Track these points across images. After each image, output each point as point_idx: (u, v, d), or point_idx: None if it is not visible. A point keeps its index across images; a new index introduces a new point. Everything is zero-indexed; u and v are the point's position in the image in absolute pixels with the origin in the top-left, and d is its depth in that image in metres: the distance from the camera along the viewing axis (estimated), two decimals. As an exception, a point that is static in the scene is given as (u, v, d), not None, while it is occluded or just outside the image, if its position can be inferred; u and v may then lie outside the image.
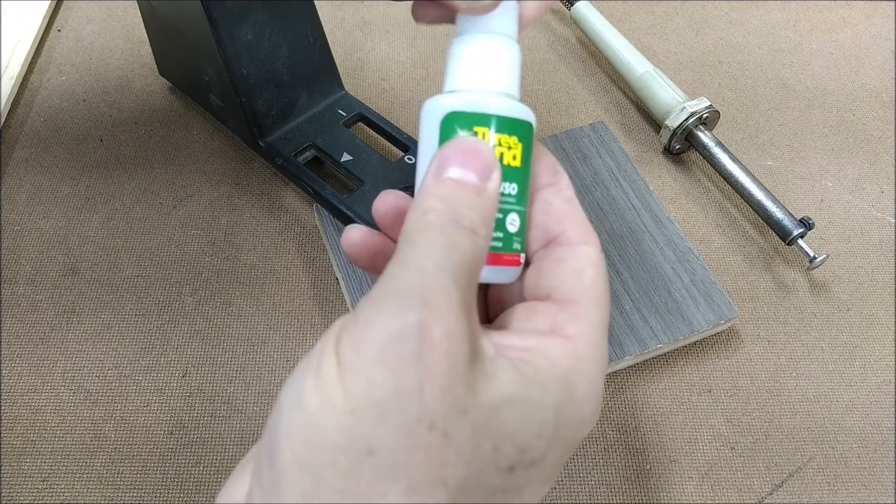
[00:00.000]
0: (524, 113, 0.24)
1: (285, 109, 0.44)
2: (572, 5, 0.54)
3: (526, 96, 0.52)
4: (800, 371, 0.40)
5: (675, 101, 0.47)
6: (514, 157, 0.23)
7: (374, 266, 0.25)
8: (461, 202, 0.21)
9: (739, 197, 0.45)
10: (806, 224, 0.42)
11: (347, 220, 0.41)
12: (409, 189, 0.37)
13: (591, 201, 0.44)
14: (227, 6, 0.39)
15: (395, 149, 0.46)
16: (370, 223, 0.40)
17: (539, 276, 0.24)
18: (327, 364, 0.19)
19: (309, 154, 0.44)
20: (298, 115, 0.45)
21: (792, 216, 0.42)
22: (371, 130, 0.46)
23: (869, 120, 0.52)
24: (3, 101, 0.48)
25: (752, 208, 0.44)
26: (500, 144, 0.23)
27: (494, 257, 0.23)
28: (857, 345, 0.41)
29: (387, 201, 0.25)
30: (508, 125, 0.23)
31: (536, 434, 0.19)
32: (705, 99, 0.47)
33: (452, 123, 0.23)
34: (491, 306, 0.27)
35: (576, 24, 0.54)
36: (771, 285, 0.43)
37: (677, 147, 0.48)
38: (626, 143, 0.50)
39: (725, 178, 0.45)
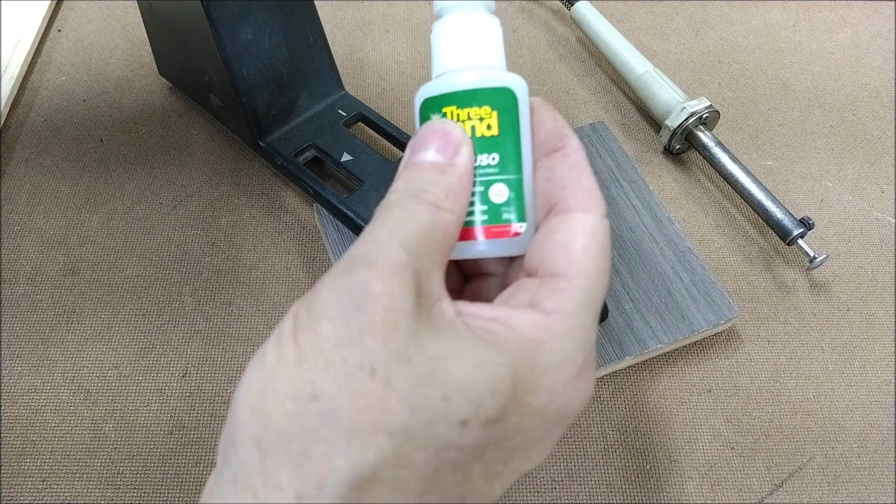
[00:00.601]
0: (498, 80, 0.23)
1: (285, 109, 0.44)
2: (572, 5, 0.54)
3: (526, 96, 0.52)
4: (800, 371, 0.40)
5: (675, 101, 0.47)
6: (489, 127, 0.23)
7: None
8: (423, 180, 0.22)
9: (739, 197, 0.45)
10: (806, 224, 0.42)
11: (347, 221, 0.41)
12: None
13: (591, 201, 0.44)
14: (227, 6, 0.39)
15: (395, 149, 0.46)
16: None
17: (532, 250, 0.23)
18: (285, 327, 0.20)
19: (309, 154, 0.44)
20: (298, 115, 0.45)
21: (792, 216, 0.42)
22: (371, 130, 0.46)
23: (869, 120, 0.52)
24: (3, 101, 0.48)
25: (752, 208, 0.44)
26: (469, 118, 0.23)
27: (483, 231, 0.23)
28: (857, 345, 0.41)
29: None
30: (475, 97, 0.23)
31: (490, 390, 0.19)
32: (705, 99, 0.47)
33: (426, 112, 0.23)
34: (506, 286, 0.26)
35: (576, 24, 0.54)
36: (771, 285, 0.43)
37: (677, 147, 0.48)
38: (626, 143, 0.50)
39: (725, 178, 0.45)
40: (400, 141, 0.45)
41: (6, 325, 0.40)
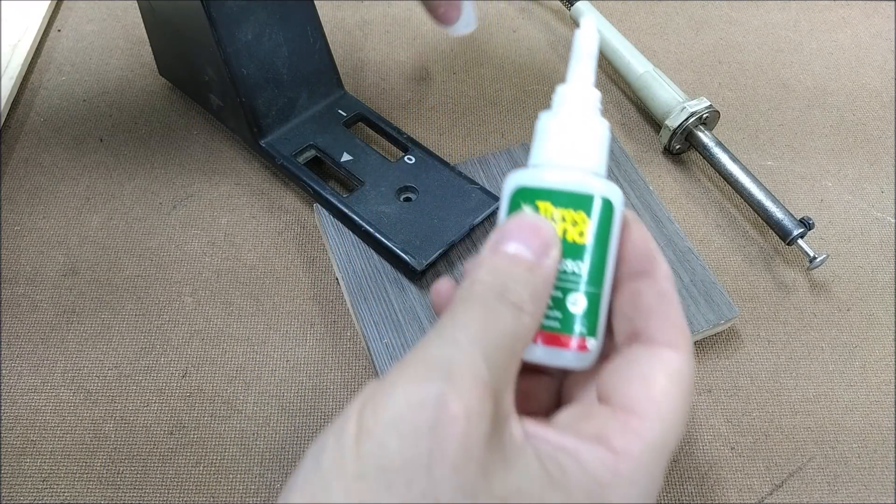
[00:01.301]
0: (600, 189, 0.22)
1: (285, 109, 0.44)
2: (572, 5, 0.54)
3: (526, 96, 0.52)
4: (800, 371, 0.40)
5: (675, 101, 0.47)
6: (581, 234, 0.22)
7: None
8: (510, 276, 0.20)
9: (739, 197, 0.45)
10: (806, 224, 0.42)
11: (347, 220, 0.41)
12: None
13: (591, 201, 0.44)
14: (227, 6, 0.39)
15: (395, 149, 0.46)
16: (370, 222, 0.40)
17: (608, 374, 0.22)
18: (349, 425, 0.18)
19: (309, 154, 0.44)
20: (298, 115, 0.45)
21: (792, 216, 0.42)
22: (371, 130, 0.46)
23: (869, 120, 0.52)
24: (3, 101, 0.48)
25: (752, 208, 0.44)
26: (563, 220, 0.22)
27: (550, 337, 0.22)
28: (857, 345, 0.41)
29: (441, 292, 0.25)
30: (574, 200, 0.22)
31: None
32: (705, 99, 0.47)
33: (518, 199, 0.23)
34: (563, 396, 0.25)
35: (576, 24, 0.54)
36: (771, 285, 0.43)
37: (677, 147, 0.48)
38: (626, 143, 0.50)
39: (725, 178, 0.45)
40: (399, 141, 0.45)
41: (6, 325, 0.40)
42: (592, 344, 0.22)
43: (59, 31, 0.55)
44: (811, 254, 0.41)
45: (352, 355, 0.40)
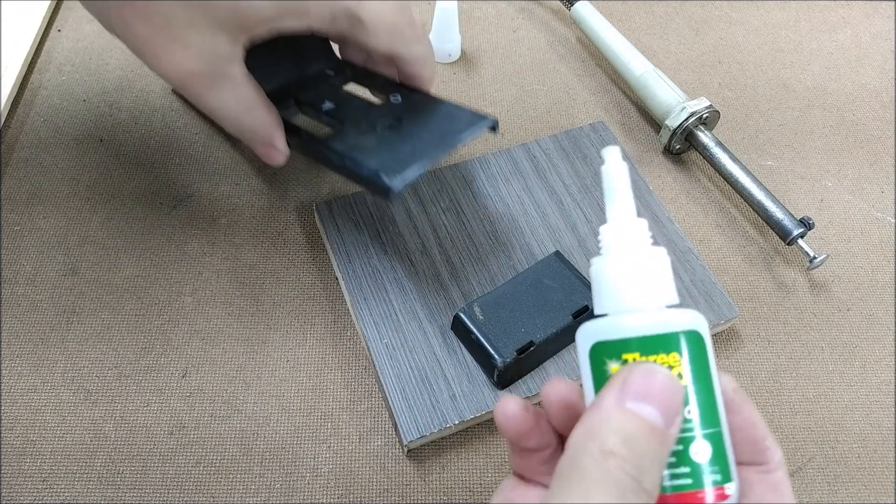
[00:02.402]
0: (683, 322, 0.21)
1: (273, 75, 0.42)
2: (572, 5, 0.54)
3: (526, 96, 0.52)
4: (800, 371, 0.40)
5: (675, 101, 0.47)
6: (680, 376, 0.20)
7: (519, 440, 0.23)
8: (647, 452, 0.19)
9: (739, 197, 0.45)
10: (806, 224, 0.42)
11: (321, 155, 0.38)
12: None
13: (591, 201, 0.44)
14: None
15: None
16: (344, 153, 0.36)
17: None
18: None
19: (293, 110, 0.42)
20: (286, 77, 0.43)
21: (792, 216, 0.42)
22: (363, 89, 0.44)
23: (869, 120, 0.52)
24: (3, 101, 0.48)
25: (752, 208, 0.44)
26: None
27: (682, 498, 0.20)
28: (857, 345, 0.41)
29: (557, 392, 0.23)
30: (662, 343, 0.20)
31: None
32: (705, 99, 0.47)
33: (601, 356, 0.21)
34: None
35: (576, 24, 0.55)
36: (771, 285, 0.43)
37: (677, 147, 0.48)
38: (626, 143, 0.50)
39: (725, 178, 0.45)
40: (387, 83, 0.41)
41: (6, 325, 0.40)
42: (731, 489, 0.20)
43: (59, 31, 0.55)
44: (811, 254, 0.41)
45: (352, 355, 0.40)
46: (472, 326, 0.37)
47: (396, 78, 0.42)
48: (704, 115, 0.47)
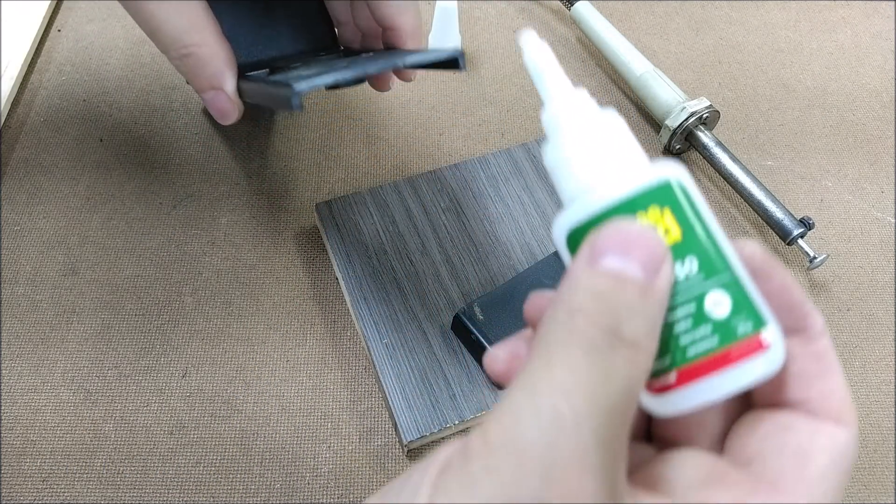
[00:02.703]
0: (653, 176, 0.18)
1: (255, 46, 0.40)
2: (572, 5, 0.54)
3: (526, 96, 0.52)
4: (800, 371, 0.40)
5: (675, 101, 0.47)
6: (667, 231, 0.18)
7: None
8: (624, 303, 0.16)
9: (739, 197, 0.45)
10: (806, 224, 0.42)
11: (265, 94, 0.34)
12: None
13: (591, 201, 0.44)
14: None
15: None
16: (279, 80, 0.33)
17: (748, 433, 0.18)
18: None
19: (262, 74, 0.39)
20: (270, 52, 0.40)
21: (792, 216, 0.42)
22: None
23: (869, 120, 0.52)
24: (3, 101, 0.48)
25: (752, 208, 0.44)
26: None
27: (715, 361, 0.17)
28: (857, 345, 0.41)
29: (536, 304, 0.21)
30: (635, 205, 0.18)
31: None
32: (705, 99, 0.47)
33: (577, 244, 0.18)
34: (668, 429, 0.20)
35: (576, 24, 0.54)
36: (771, 285, 0.43)
37: (677, 147, 0.48)
38: (626, 143, 0.50)
39: (725, 178, 0.45)
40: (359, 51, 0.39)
41: (6, 325, 0.40)
42: (770, 335, 0.17)
43: (59, 31, 0.55)
44: (811, 254, 0.41)
45: (352, 355, 0.40)
46: (471, 326, 0.37)
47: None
48: (704, 115, 0.47)
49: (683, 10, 0.59)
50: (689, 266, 0.17)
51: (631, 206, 0.18)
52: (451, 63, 0.33)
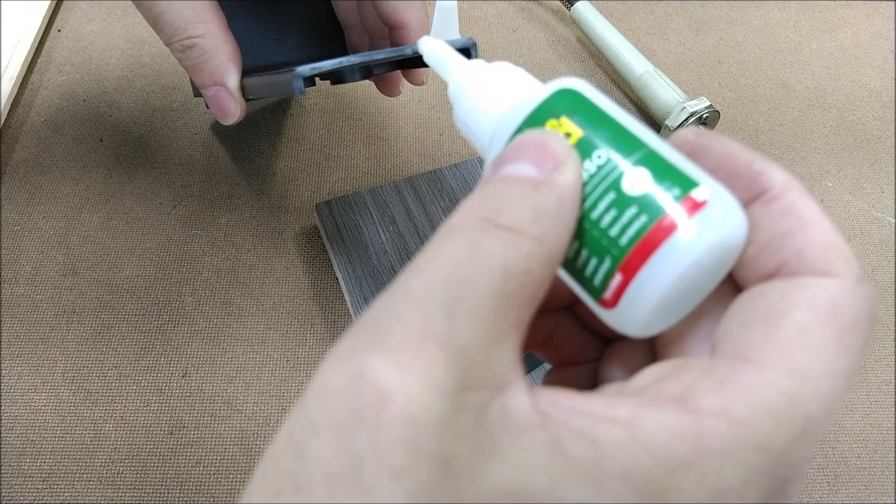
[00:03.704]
0: (544, 89, 0.18)
1: (263, 51, 0.41)
2: (572, 5, 0.54)
3: (526, 96, 0.52)
4: (800, 371, 0.40)
5: (675, 101, 0.47)
6: (569, 134, 0.17)
7: None
8: (503, 197, 0.15)
9: (739, 197, 0.45)
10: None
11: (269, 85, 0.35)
12: None
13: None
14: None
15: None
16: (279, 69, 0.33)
17: (724, 323, 0.15)
18: (277, 438, 0.14)
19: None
20: (277, 58, 0.41)
21: (792, 216, 0.42)
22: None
23: (869, 120, 0.52)
24: (3, 101, 0.48)
25: (752, 208, 0.44)
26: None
27: (645, 244, 0.15)
28: (857, 345, 0.41)
29: None
30: (533, 122, 0.18)
31: None
32: (705, 99, 0.47)
33: None
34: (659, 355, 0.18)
35: (576, 24, 0.54)
36: (771, 285, 0.43)
37: (677, 147, 0.48)
38: (626, 143, 0.50)
39: (725, 178, 0.45)
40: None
41: (6, 325, 0.40)
42: (704, 193, 0.15)
43: (59, 31, 0.55)
44: (811, 254, 0.41)
45: (352, 355, 0.40)
46: None
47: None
48: (704, 115, 0.47)
49: (683, 10, 0.59)
50: (599, 158, 0.16)
51: (533, 124, 0.18)
52: (464, 53, 0.33)
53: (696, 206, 0.15)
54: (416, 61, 0.31)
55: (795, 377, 0.13)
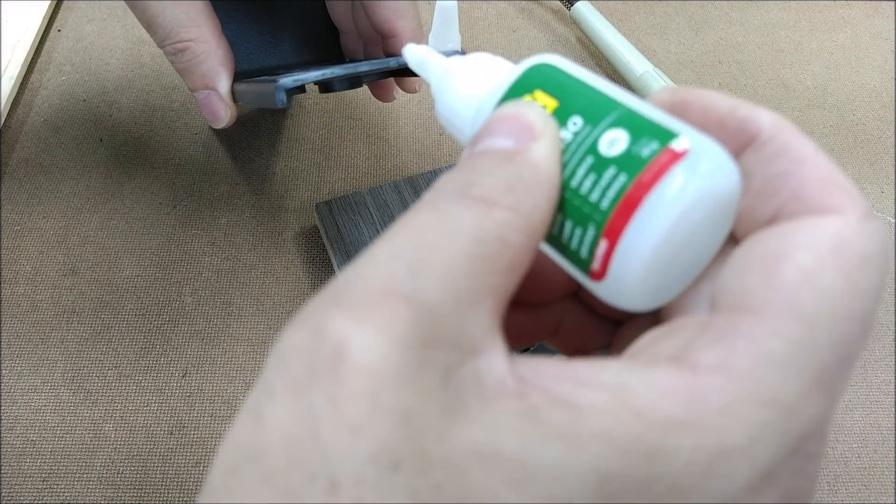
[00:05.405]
0: (516, 69, 0.18)
1: (257, 55, 0.41)
2: (572, 5, 0.54)
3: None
4: (800, 371, 0.40)
5: (675, 101, 0.47)
6: (548, 105, 0.17)
7: None
8: (478, 169, 0.15)
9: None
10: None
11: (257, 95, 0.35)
12: None
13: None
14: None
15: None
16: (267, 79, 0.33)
17: (723, 278, 0.14)
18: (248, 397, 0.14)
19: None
20: (271, 62, 0.42)
21: (792, 216, 0.42)
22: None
23: (869, 120, 0.52)
24: (3, 101, 0.48)
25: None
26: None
27: (629, 201, 0.14)
28: (857, 345, 0.41)
29: None
30: (515, 92, 0.18)
31: None
32: (705, 99, 0.47)
33: None
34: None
35: (576, 24, 0.54)
36: (771, 285, 0.43)
37: (677, 147, 0.48)
38: (626, 143, 0.50)
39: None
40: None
41: (6, 325, 0.40)
42: (684, 143, 0.14)
43: (59, 31, 0.55)
44: (811, 254, 0.41)
45: (352, 355, 0.40)
46: None
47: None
48: (704, 115, 0.47)
49: (683, 10, 0.59)
50: (575, 125, 0.16)
51: (510, 94, 0.18)
52: None
53: (675, 157, 0.14)
54: (406, 70, 0.31)
55: (803, 323, 0.12)
